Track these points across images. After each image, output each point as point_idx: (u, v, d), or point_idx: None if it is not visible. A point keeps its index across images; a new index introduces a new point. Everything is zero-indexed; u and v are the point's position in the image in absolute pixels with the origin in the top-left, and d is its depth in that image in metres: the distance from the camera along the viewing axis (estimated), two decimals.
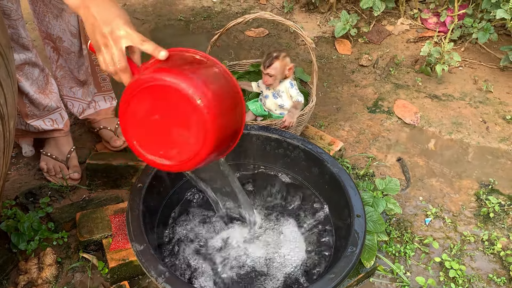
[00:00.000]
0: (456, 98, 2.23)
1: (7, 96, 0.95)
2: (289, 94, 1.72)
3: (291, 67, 1.70)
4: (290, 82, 1.72)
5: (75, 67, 1.72)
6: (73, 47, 1.66)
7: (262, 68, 1.68)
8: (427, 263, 1.52)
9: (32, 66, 1.55)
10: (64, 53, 1.67)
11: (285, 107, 1.74)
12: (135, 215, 1.25)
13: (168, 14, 2.82)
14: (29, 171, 1.75)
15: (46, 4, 1.55)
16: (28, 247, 1.42)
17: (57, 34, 1.62)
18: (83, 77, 1.75)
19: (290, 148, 1.56)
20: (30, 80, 1.56)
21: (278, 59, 1.66)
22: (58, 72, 1.73)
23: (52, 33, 1.63)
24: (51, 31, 1.62)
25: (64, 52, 1.66)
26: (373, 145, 1.96)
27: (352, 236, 1.24)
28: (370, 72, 2.39)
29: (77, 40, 1.65)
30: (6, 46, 0.97)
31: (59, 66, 1.71)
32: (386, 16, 2.76)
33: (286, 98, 1.73)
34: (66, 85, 1.77)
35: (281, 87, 1.72)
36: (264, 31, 2.67)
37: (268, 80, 1.69)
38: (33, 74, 1.56)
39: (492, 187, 1.79)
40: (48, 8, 1.56)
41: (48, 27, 1.62)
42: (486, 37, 2.33)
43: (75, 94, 1.80)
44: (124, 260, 1.35)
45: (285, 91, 1.71)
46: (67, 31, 1.61)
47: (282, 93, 1.72)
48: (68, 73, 1.73)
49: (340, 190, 1.39)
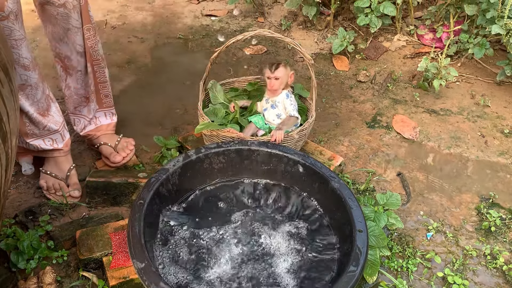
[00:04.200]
0: (454, 113, 2.25)
1: (9, 113, 0.95)
2: (284, 106, 1.74)
3: (292, 74, 1.78)
4: (287, 93, 1.76)
5: (82, 85, 1.75)
6: (79, 65, 1.69)
7: (268, 73, 1.73)
8: (430, 278, 1.51)
9: (35, 88, 1.55)
10: (72, 72, 1.70)
11: (281, 117, 1.76)
12: (136, 232, 1.24)
13: (167, 33, 2.85)
14: (28, 189, 1.74)
15: (54, 24, 1.58)
16: (27, 266, 1.41)
17: (65, 53, 1.65)
18: (88, 95, 1.77)
19: (290, 164, 1.56)
20: (30, 100, 1.56)
21: (282, 64, 1.75)
22: (66, 91, 1.77)
23: (60, 52, 1.66)
24: (59, 50, 1.65)
25: (72, 70, 1.70)
26: (372, 160, 1.97)
27: (354, 251, 1.24)
28: (368, 87, 2.41)
29: (83, 59, 1.68)
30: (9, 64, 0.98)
31: (67, 85, 1.75)
32: (383, 33, 2.79)
33: (282, 108, 1.75)
34: (73, 103, 1.80)
35: (278, 98, 1.76)
36: (263, 49, 2.70)
37: (274, 85, 1.73)
38: (35, 96, 1.57)
39: (492, 201, 1.79)
40: (55, 28, 1.59)
41: (57, 46, 1.65)
42: (482, 52, 2.36)
43: (81, 112, 1.83)
44: (125, 278, 1.34)
45: (281, 101, 1.74)
46: (73, 50, 1.64)
47: (279, 103, 1.75)
48: (75, 91, 1.76)
49: (341, 205, 1.39)
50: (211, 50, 2.65)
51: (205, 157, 1.56)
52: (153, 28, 2.89)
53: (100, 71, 1.75)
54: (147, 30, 2.87)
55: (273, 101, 1.77)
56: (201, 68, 2.46)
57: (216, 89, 1.87)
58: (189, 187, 1.58)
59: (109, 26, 2.89)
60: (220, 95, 1.87)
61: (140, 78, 2.44)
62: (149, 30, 2.87)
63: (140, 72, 2.48)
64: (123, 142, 1.85)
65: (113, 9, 3.08)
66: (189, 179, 1.56)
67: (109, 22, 2.94)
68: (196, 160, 1.55)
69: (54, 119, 1.66)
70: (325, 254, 1.41)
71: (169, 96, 2.29)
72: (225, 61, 2.58)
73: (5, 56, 0.98)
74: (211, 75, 1.84)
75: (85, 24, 1.61)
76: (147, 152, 1.93)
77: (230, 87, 1.97)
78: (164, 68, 2.52)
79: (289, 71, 1.77)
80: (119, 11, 3.07)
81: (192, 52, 2.67)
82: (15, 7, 1.37)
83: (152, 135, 1.93)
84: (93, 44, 1.67)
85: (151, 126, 2.09)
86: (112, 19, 2.97)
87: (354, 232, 1.29)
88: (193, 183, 1.59)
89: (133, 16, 3.02)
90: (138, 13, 3.06)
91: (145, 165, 1.87)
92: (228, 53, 2.64)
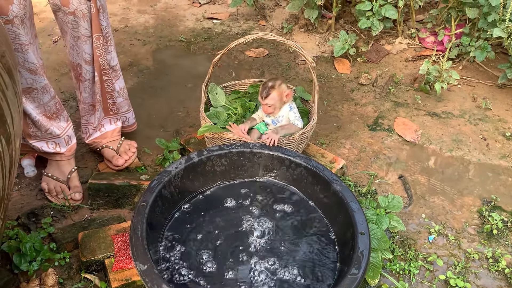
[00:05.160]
0: (456, 116, 2.25)
1: (13, 115, 0.95)
2: (288, 118, 1.74)
3: (289, 93, 1.72)
4: (290, 106, 1.74)
5: (89, 94, 1.74)
6: (88, 74, 1.68)
7: (260, 99, 1.70)
8: (432, 281, 1.51)
9: (41, 92, 1.56)
10: (83, 80, 1.69)
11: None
12: (138, 234, 1.25)
13: (169, 35, 2.86)
14: (31, 191, 1.74)
15: (66, 31, 1.58)
16: (30, 267, 1.41)
17: (76, 62, 1.65)
18: (94, 103, 1.77)
19: (292, 166, 1.57)
20: (36, 103, 1.56)
21: (274, 88, 1.67)
22: (79, 98, 1.77)
23: (72, 61, 1.66)
24: (72, 59, 1.66)
25: (82, 78, 1.69)
26: (374, 163, 1.97)
27: (357, 254, 1.24)
28: (369, 90, 2.42)
29: (91, 67, 1.67)
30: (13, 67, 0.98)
31: (80, 93, 1.74)
32: (384, 36, 2.80)
33: (286, 121, 1.74)
34: (82, 111, 1.80)
35: (281, 113, 1.74)
36: (264, 51, 2.71)
37: (268, 110, 1.71)
38: (42, 99, 1.57)
39: (494, 204, 1.79)
40: (67, 36, 1.59)
41: (70, 55, 1.65)
42: (484, 56, 2.36)
43: (87, 120, 1.83)
44: (127, 280, 1.34)
45: (285, 115, 1.74)
46: (82, 59, 1.64)
47: (282, 117, 1.74)
48: (83, 99, 1.76)
49: (343, 207, 1.39)
50: (213, 53, 2.66)
51: (207, 160, 1.57)
52: (155, 31, 2.90)
53: (108, 81, 1.74)
54: (149, 33, 2.88)
55: (275, 117, 1.76)
56: (203, 70, 2.47)
57: (216, 92, 1.87)
58: (191, 189, 1.58)
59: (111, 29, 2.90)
60: (221, 98, 1.88)
61: (142, 80, 2.44)
62: (151, 33, 2.87)
63: (142, 74, 2.49)
64: (125, 144, 1.85)
65: (115, 12, 3.09)
66: (191, 182, 1.56)
67: (112, 25, 2.95)
68: (198, 163, 1.55)
69: (59, 124, 1.66)
70: (326, 256, 1.41)
71: (171, 98, 2.30)
72: (227, 64, 2.59)
73: (9, 59, 0.99)
74: (213, 78, 1.84)
75: (95, 33, 1.59)
76: (149, 154, 1.94)
77: (232, 90, 1.98)
78: (166, 70, 2.53)
79: (284, 91, 1.70)
80: (121, 14, 3.08)
81: (194, 55, 2.68)
82: (20, 12, 1.37)
83: (154, 137, 1.93)
84: (102, 53, 1.65)
85: (153, 128, 2.09)
86: (114, 22, 2.98)
87: (356, 234, 1.30)
88: (195, 185, 1.59)
89: (135, 19, 3.03)
90: (140, 16, 3.06)
91: (147, 167, 1.87)
92: (230, 56, 2.65)
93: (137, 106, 2.22)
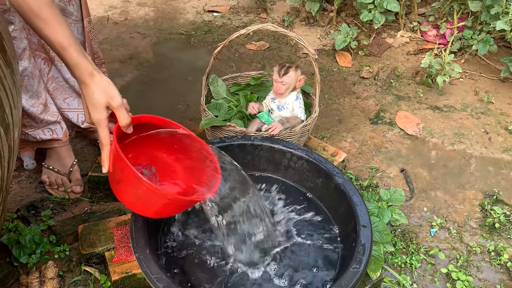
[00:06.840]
0: (458, 109, 2.24)
1: (12, 105, 0.94)
2: (292, 107, 1.72)
3: (302, 79, 1.73)
4: (297, 95, 1.73)
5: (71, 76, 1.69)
6: None
7: (276, 76, 1.70)
8: (434, 274, 1.51)
9: (31, 78, 1.52)
10: (58, 62, 1.63)
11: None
12: (138, 226, 1.24)
13: (170, 28, 2.84)
14: (30, 184, 1.73)
15: None
16: (29, 260, 1.40)
17: None
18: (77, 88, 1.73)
19: (293, 159, 1.56)
20: (30, 92, 1.53)
21: (292, 68, 1.70)
22: (50, 85, 1.68)
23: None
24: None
25: (58, 61, 1.63)
26: (375, 156, 1.96)
27: (358, 247, 1.23)
28: (371, 84, 2.40)
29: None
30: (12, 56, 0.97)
31: (51, 78, 1.66)
32: (386, 29, 2.78)
33: (290, 110, 1.73)
34: (59, 97, 1.71)
35: (287, 99, 1.73)
36: (265, 45, 2.69)
37: (280, 89, 1.70)
38: (33, 86, 1.54)
39: (496, 198, 1.78)
40: None
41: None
42: (486, 49, 2.34)
43: (69, 105, 1.74)
44: (127, 273, 1.33)
45: (290, 103, 1.73)
46: None
47: (288, 105, 1.73)
48: (62, 83, 1.68)
49: (345, 200, 1.38)
50: (213, 46, 2.64)
51: None
52: (155, 24, 2.88)
53: (100, 64, 1.74)
54: (149, 26, 2.86)
55: (280, 102, 1.75)
56: (203, 64, 2.45)
57: (217, 84, 1.86)
58: None
59: (111, 22, 2.89)
60: (222, 90, 1.86)
61: (142, 74, 2.43)
62: (151, 26, 2.86)
63: (142, 68, 2.47)
64: None
65: (115, 5, 3.07)
66: None
67: (111, 17, 2.93)
68: None
69: (51, 110, 1.63)
70: (328, 249, 1.41)
71: (171, 92, 2.29)
72: (227, 57, 2.57)
73: (8, 48, 0.97)
74: (213, 71, 1.83)
75: (86, 17, 1.59)
76: None
77: (233, 82, 1.96)
78: (166, 64, 2.52)
79: (299, 76, 1.72)
80: (121, 6, 3.06)
81: (194, 48, 2.66)
82: None
83: None
84: (93, 37, 1.66)
85: None
86: (114, 14, 2.96)
87: (358, 227, 1.29)
88: None
89: (135, 11, 3.01)
90: (140, 9, 3.05)
91: None
92: (231, 49, 2.63)
93: (136, 99, 2.21)
